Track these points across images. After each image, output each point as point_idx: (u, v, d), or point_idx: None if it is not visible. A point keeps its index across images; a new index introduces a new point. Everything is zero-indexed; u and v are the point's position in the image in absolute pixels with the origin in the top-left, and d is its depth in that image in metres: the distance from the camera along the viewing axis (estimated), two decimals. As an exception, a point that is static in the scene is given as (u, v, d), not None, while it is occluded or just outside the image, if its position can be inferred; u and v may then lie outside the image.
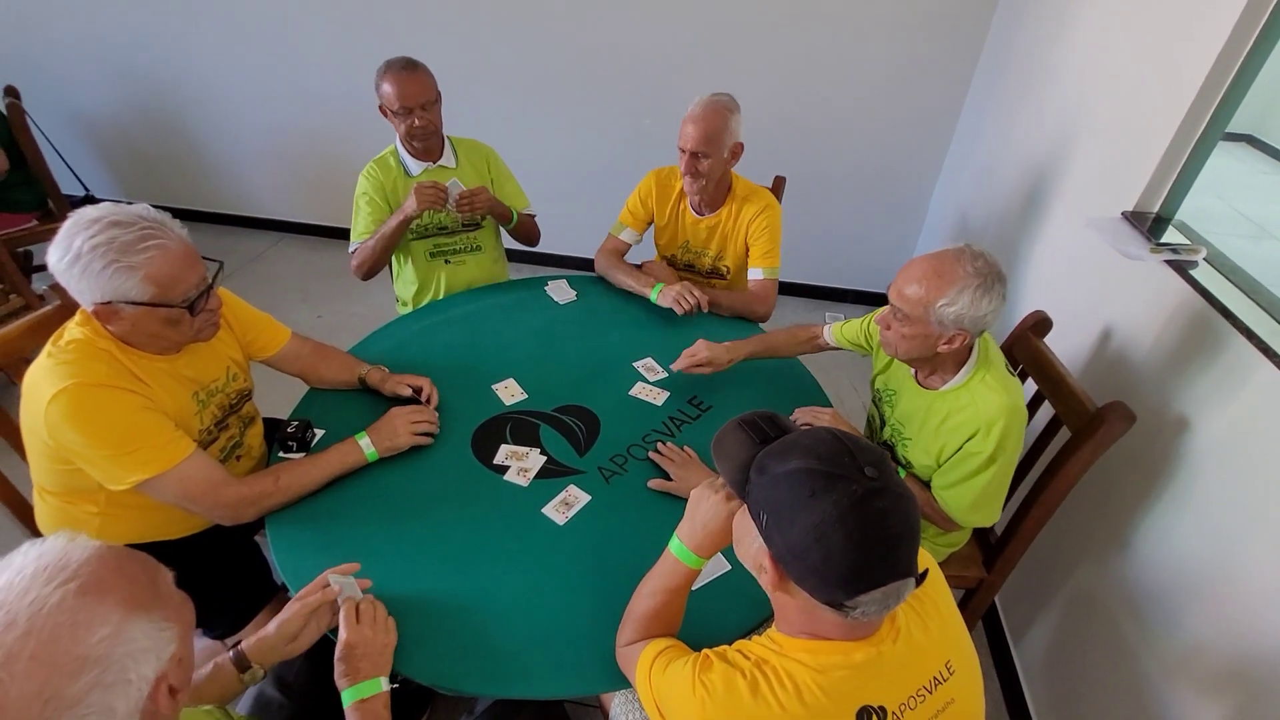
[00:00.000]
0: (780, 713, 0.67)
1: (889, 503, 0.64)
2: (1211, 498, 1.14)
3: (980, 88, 2.50)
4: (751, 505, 0.71)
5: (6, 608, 0.51)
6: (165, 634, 0.57)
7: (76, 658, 0.51)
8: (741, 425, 0.79)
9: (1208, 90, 1.28)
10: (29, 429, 1.07)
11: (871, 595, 0.63)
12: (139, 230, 0.98)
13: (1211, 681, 1.09)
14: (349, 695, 0.88)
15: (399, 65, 1.66)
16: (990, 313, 1.08)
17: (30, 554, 0.55)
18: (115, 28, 2.95)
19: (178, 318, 1.05)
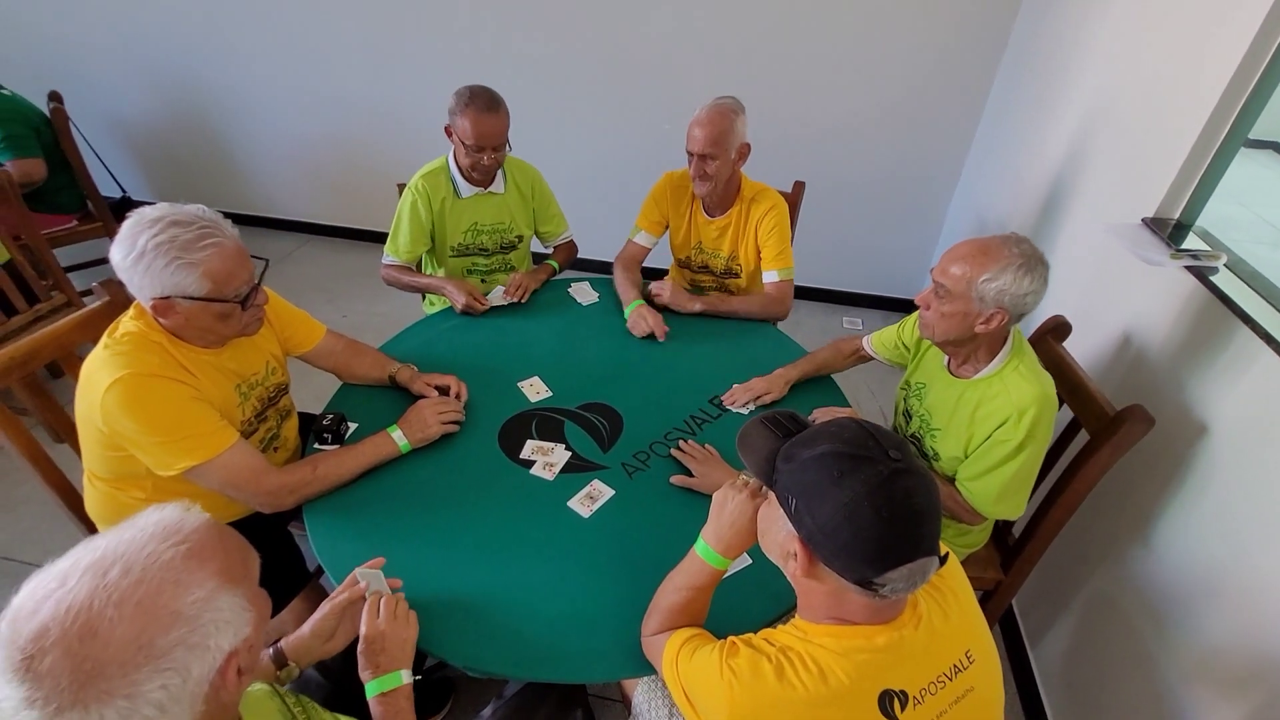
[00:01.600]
0: (805, 695, 0.70)
1: (913, 482, 0.67)
2: (1230, 501, 1.15)
3: (1000, 94, 2.51)
4: (780, 491, 0.74)
5: (127, 558, 0.56)
6: (245, 614, 0.61)
7: (172, 612, 0.56)
8: (764, 422, 0.83)
9: (1229, 97, 1.29)
10: (84, 417, 1.13)
11: (899, 571, 0.66)
12: (198, 229, 1.04)
13: (1231, 684, 1.10)
14: (372, 688, 0.91)
15: (482, 104, 1.64)
16: (1031, 293, 1.11)
17: (153, 516, 0.61)
18: (152, 37, 3.06)
19: (229, 312, 1.11)
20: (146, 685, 0.53)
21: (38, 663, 0.51)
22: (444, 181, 1.80)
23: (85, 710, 0.51)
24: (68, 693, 0.51)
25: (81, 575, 0.55)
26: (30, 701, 0.51)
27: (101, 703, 0.52)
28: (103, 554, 0.56)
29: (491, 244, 1.93)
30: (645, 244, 1.96)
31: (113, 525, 1.25)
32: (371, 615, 0.94)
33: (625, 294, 1.81)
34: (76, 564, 0.56)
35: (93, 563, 0.56)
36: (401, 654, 0.92)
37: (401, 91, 3.00)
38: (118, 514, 1.26)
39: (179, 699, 0.55)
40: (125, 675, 0.53)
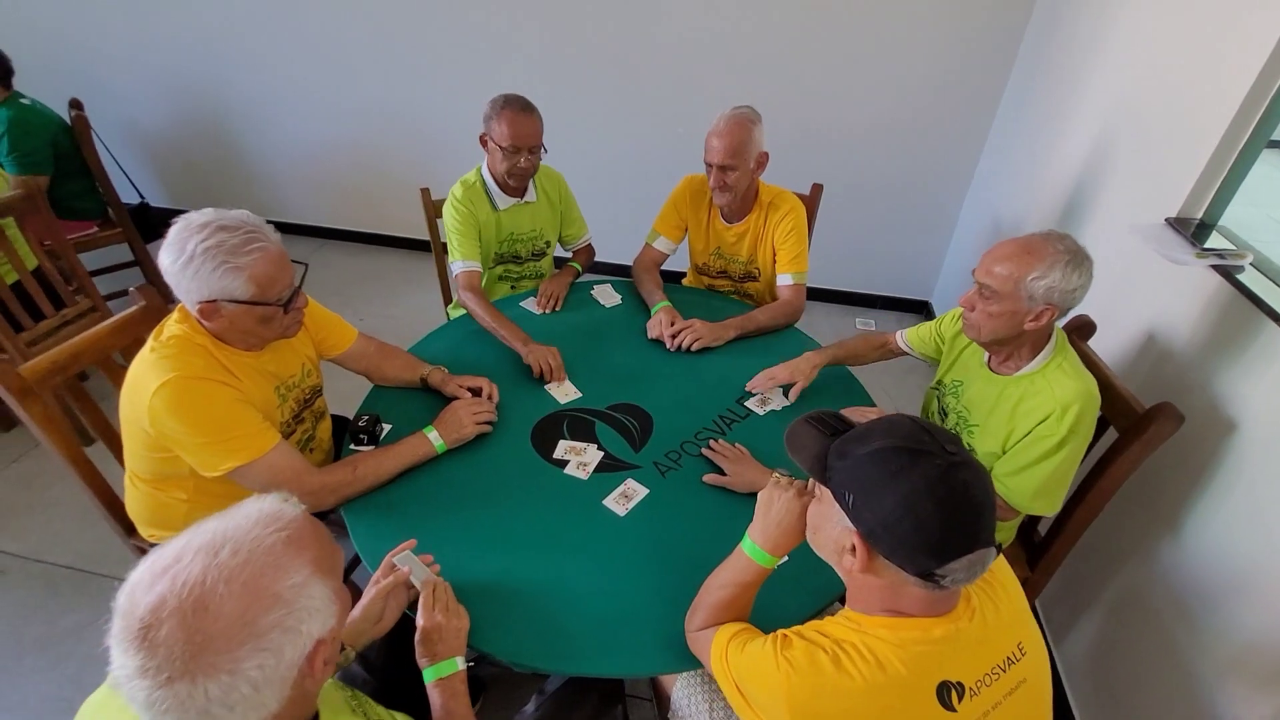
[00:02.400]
0: (863, 684, 0.71)
1: (970, 474, 0.69)
2: (1260, 496, 1.16)
3: (1013, 97, 2.53)
4: (836, 488, 0.75)
5: (235, 540, 0.59)
6: (332, 606, 0.64)
7: (273, 594, 0.59)
8: (809, 421, 0.85)
9: (1254, 97, 1.31)
10: (130, 419, 1.15)
11: (960, 562, 0.67)
12: (244, 234, 1.07)
13: (1266, 679, 1.11)
14: (430, 674, 0.94)
15: (517, 106, 1.67)
16: (1079, 288, 1.13)
17: (255, 505, 0.64)
18: (170, 44, 3.09)
19: (272, 315, 1.13)
20: (246, 663, 0.56)
21: (154, 632, 0.54)
22: (481, 195, 1.82)
23: (192, 681, 0.54)
24: (179, 662, 0.54)
25: (195, 554, 0.58)
26: (144, 670, 0.54)
27: (207, 675, 0.54)
28: (213, 536, 0.60)
29: (525, 252, 1.96)
30: (664, 249, 1.98)
31: (153, 525, 1.28)
32: (427, 608, 0.98)
33: (650, 296, 1.83)
34: (189, 544, 0.59)
35: (205, 543, 0.59)
36: (456, 642, 0.96)
37: (419, 97, 3.03)
38: (159, 514, 1.29)
39: (271, 680, 0.58)
40: (230, 651, 0.55)
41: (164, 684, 0.53)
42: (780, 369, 1.53)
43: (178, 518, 1.27)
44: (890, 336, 1.62)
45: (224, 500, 0.64)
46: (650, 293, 1.84)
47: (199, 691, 0.54)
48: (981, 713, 0.73)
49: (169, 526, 1.29)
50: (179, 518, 1.27)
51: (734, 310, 1.81)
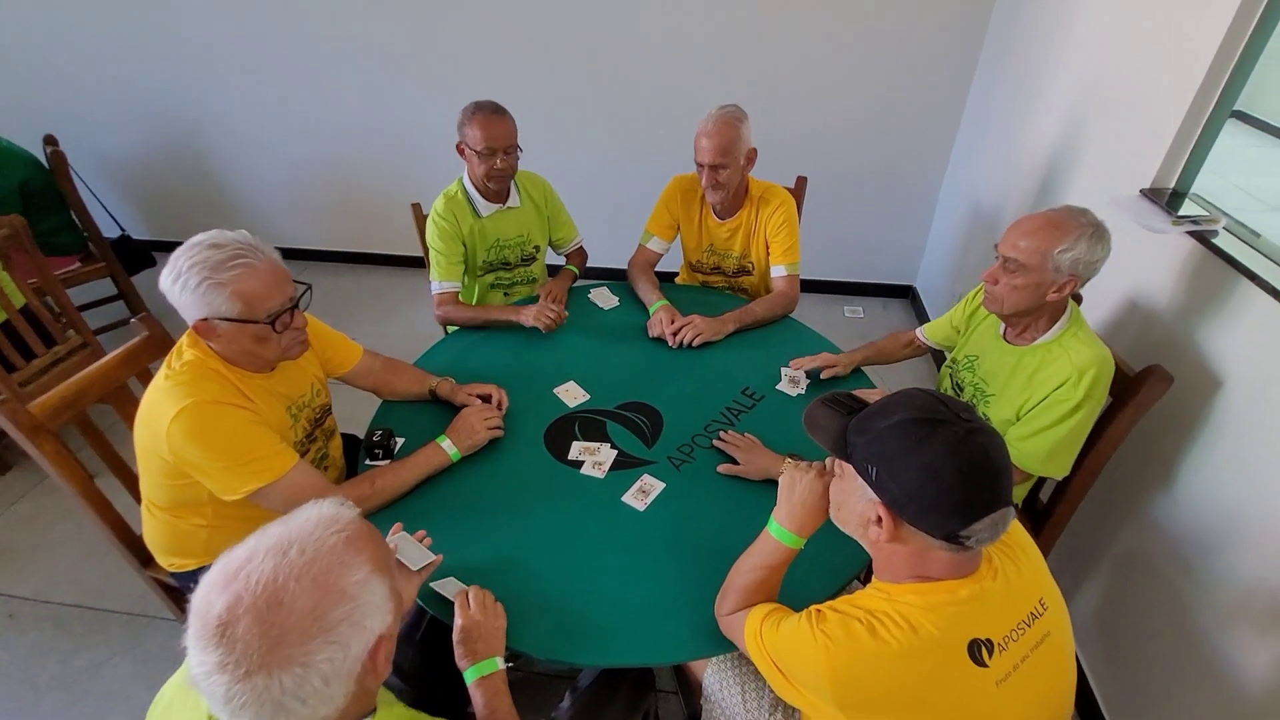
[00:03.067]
0: (899, 648, 0.74)
1: (987, 439, 0.73)
2: (1249, 447, 1.22)
3: (983, 81, 2.60)
4: (858, 463, 0.78)
5: (301, 540, 0.63)
6: (389, 604, 0.66)
7: (340, 590, 0.61)
8: (825, 402, 0.88)
9: (1216, 69, 1.37)
10: (147, 447, 1.15)
11: (983, 522, 0.71)
12: (231, 250, 1.07)
13: (1268, 622, 1.16)
14: (470, 674, 0.96)
15: (488, 109, 1.71)
16: (1101, 259, 1.20)
17: (313, 510, 0.67)
18: (142, 74, 3.06)
19: (265, 334, 1.12)
20: (318, 656, 0.59)
21: (232, 629, 0.57)
22: (463, 205, 1.84)
23: (269, 675, 0.56)
24: (256, 656, 0.56)
25: (266, 555, 0.61)
26: (223, 666, 0.56)
27: (282, 669, 0.57)
28: (279, 538, 0.62)
29: (513, 258, 1.97)
30: (658, 249, 2.01)
31: (174, 553, 1.29)
32: (464, 608, 1.00)
33: (647, 296, 1.86)
34: (257, 548, 0.62)
35: (273, 545, 0.62)
36: (495, 641, 0.98)
37: (401, 111, 3.04)
38: (180, 542, 1.29)
39: (339, 674, 0.60)
40: (303, 644, 0.58)
41: (242, 678, 0.56)
42: (827, 357, 1.60)
43: (198, 544, 1.27)
44: (913, 334, 1.70)
45: (245, 523, 0.66)
46: (647, 292, 1.87)
47: (274, 684, 0.56)
48: (1012, 666, 0.77)
49: (190, 554, 1.29)
50: (199, 544, 1.27)
51: (730, 305, 1.84)
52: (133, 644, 1.78)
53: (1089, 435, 1.36)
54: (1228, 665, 1.22)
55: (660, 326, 1.72)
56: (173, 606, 1.51)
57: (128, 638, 1.80)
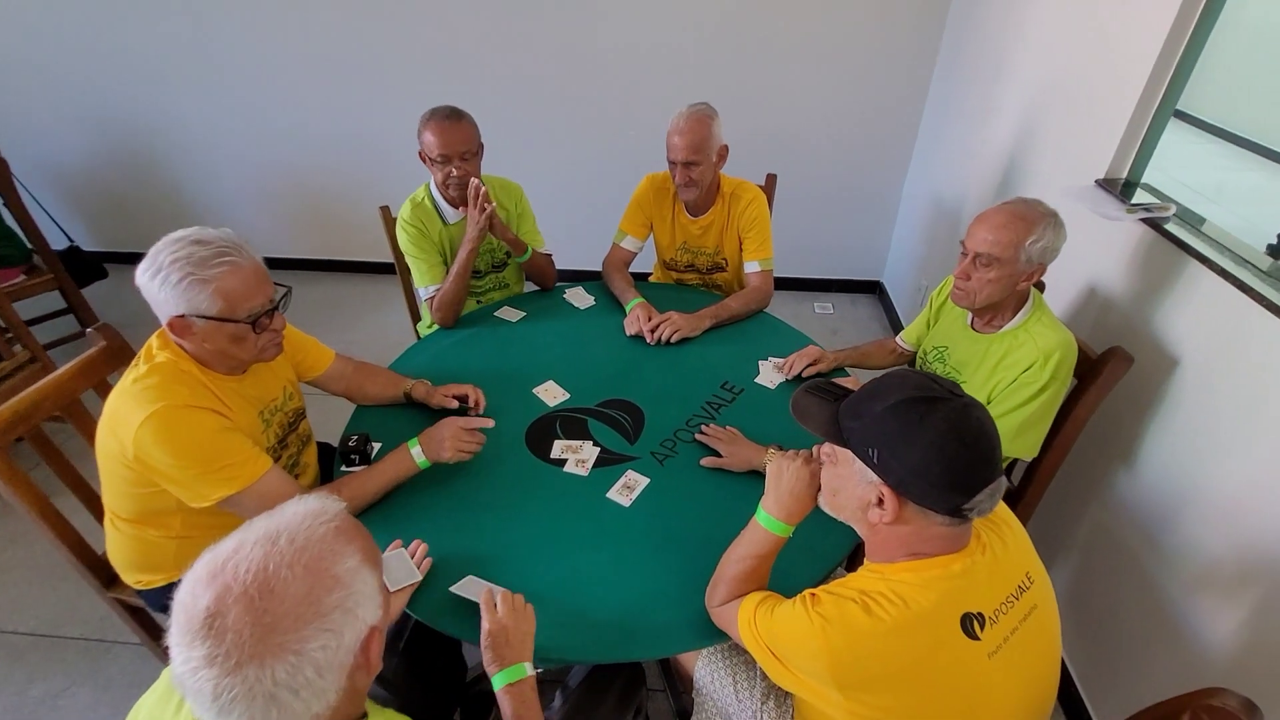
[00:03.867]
0: (893, 624, 0.75)
1: (981, 412, 0.76)
2: (1201, 420, 1.28)
3: (941, 81, 2.69)
4: (857, 446, 0.79)
5: (291, 530, 0.61)
6: (379, 596, 0.65)
7: (333, 575, 0.60)
8: (811, 391, 0.89)
9: (1160, 67, 1.44)
10: (112, 455, 1.10)
11: (984, 493, 0.73)
12: (216, 248, 1.04)
13: (1226, 587, 1.21)
14: (499, 679, 0.93)
15: (442, 114, 1.67)
16: (1061, 245, 1.26)
17: (299, 504, 0.65)
18: (90, 75, 2.94)
19: (243, 334, 1.09)
20: (312, 643, 0.57)
21: (221, 619, 0.55)
22: (430, 212, 1.80)
23: (261, 665, 0.54)
24: (248, 645, 0.54)
25: (254, 545, 0.59)
26: (211, 659, 0.54)
27: (275, 657, 0.55)
28: (267, 529, 0.61)
29: (484, 265, 1.94)
30: (632, 248, 2.01)
31: (140, 569, 1.24)
32: (491, 610, 0.97)
33: (623, 294, 1.86)
34: (245, 540, 0.60)
35: (261, 536, 0.60)
36: (523, 646, 0.95)
37: (364, 117, 2.98)
38: (147, 556, 1.23)
39: (332, 665, 0.59)
40: (297, 631, 0.56)
41: (232, 670, 0.54)
42: (813, 349, 1.63)
43: (167, 558, 1.22)
44: (894, 342, 1.73)
45: (215, 532, 0.63)
46: (623, 291, 1.87)
47: (266, 675, 0.54)
48: (1002, 638, 0.79)
49: (158, 569, 1.24)
50: (168, 557, 1.22)
51: (705, 301, 1.85)
52: (92, 671, 1.70)
53: (1056, 417, 1.41)
54: (1190, 631, 1.27)
55: (637, 324, 1.72)
56: (137, 628, 1.44)
57: (86, 665, 1.71)
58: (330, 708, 0.60)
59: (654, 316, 1.74)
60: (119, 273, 3.21)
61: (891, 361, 1.74)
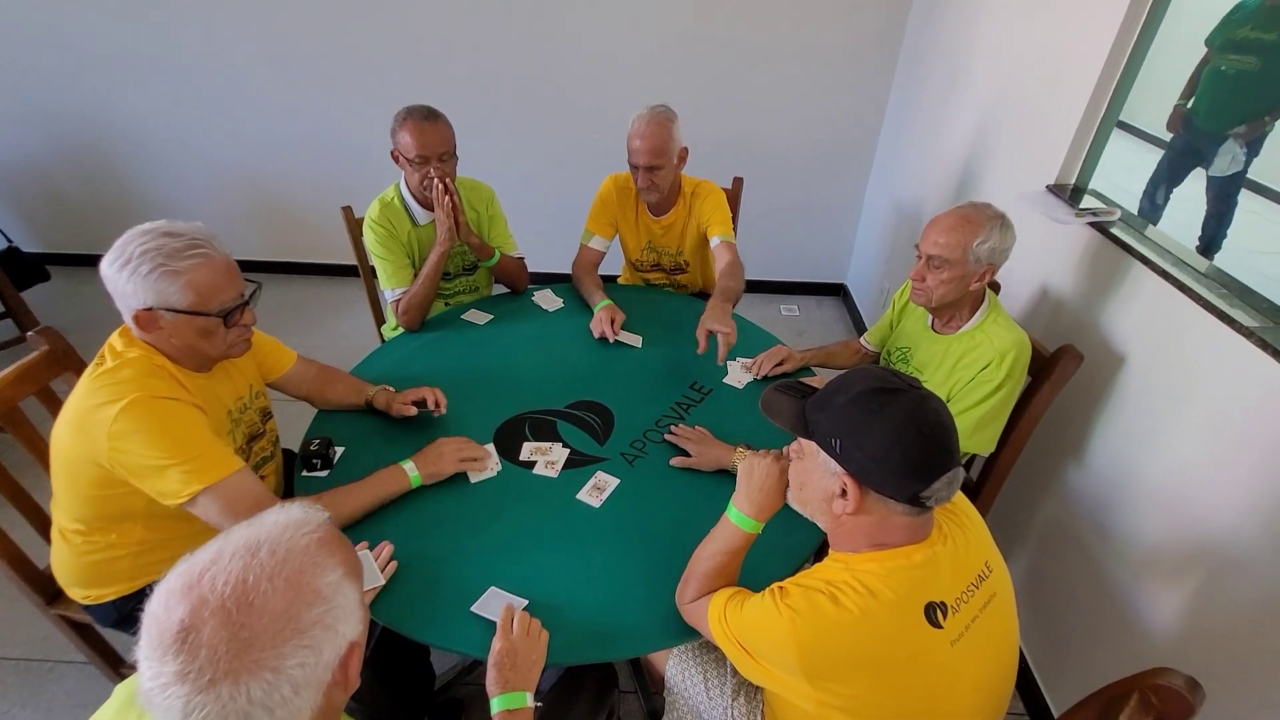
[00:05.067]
0: (859, 613, 0.77)
1: (937, 403, 0.78)
2: (1146, 414, 1.34)
3: (900, 92, 2.77)
4: (821, 437, 0.81)
5: (272, 541, 0.59)
6: (359, 611, 0.62)
7: (314, 590, 0.58)
8: (780, 390, 0.91)
9: (1105, 77, 1.52)
10: (76, 456, 1.05)
11: (941, 481, 0.75)
12: (187, 240, 1.02)
13: (1169, 574, 1.28)
14: (496, 704, 0.90)
15: (420, 114, 1.64)
16: (1010, 246, 1.31)
17: (281, 513, 0.63)
18: (34, 68, 2.81)
19: (212, 328, 1.07)
20: (290, 660, 0.54)
21: (196, 634, 0.52)
22: (399, 212, 1.77)
23: (236, 682, 0.52)
24: (224, 662, 0.52)
25: (233, 556, 0.56)
26: (183, 675, 0.51)
27: (251, 674, 0.52)
28: (247, 540, 0.58)
29: (454, 267, 1.91)
30: (599, 247, 2.01)
31: (89, 584, 1.19)
32: (505, 629, 0.95)
33: (591, 296, 1.86)
34: (224, 549, 0.57)
35: (241, 547, 0.57)
36: (529, 674, 0.93)
37: (326, 117, 2.92)
38: (98, 570, 1.18)
39: (310, 682, 0.56)
40: (275, 647, 0.54)
41: (205, 687, 0.51)
42: (780, 349, 1.64)
43: (120, 570, 1.17)
44: (858, 343, 1.77)
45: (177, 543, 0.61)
46: (591, 293, 1.87)
47: (241, 693, 0.52)
48: (963, 626, 0.81)
49: (110, 582, 1.18)
50: (122, 571, 1.17)
51: (672, 304, 1.87)
52: (34, 693, 1.61)
53: (1012, 414, 1.46)
54: (1136, 615, 1.33)
55: (601, 325, 1.72)
56: (83, 646, 1.38)
57: (27, 687, 1.62)
58: None
59: (619, 319, 1.74)
60: (63, 275, 3.07)
61: (856, 361, 1.78)
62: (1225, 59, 2.07)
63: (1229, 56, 2.06)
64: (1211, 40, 2.15)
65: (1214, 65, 2.13)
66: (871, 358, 1.76)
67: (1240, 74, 2.04)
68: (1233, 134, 2.04)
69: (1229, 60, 2.06)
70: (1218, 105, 2.17)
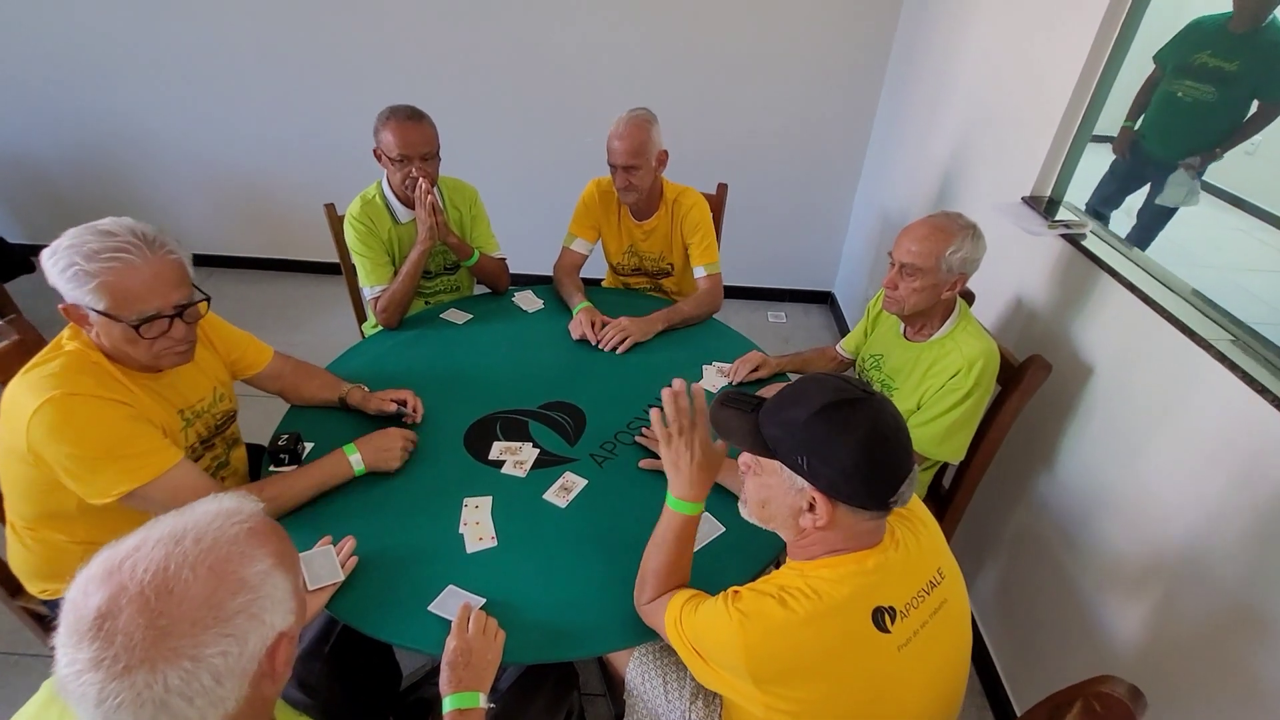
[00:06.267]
0: (805, 615, 0.77)
1: (891, 407, 0.79)
2: (1114, 425, 1.35)
3: (888, 103, 2.79)
4: (785, 455, 0.80)
5: (198, 529, 0.59)
6: (291, 602, 0.62)
7: (239, 578, 0.58)
8: (726, 404, 0.89)
9: (1079, 93, 1.53)
10: (9, 450, 1.04)
11: (905, 484, 0.77)
12: (117, 241, 0.99)
13: (1135, 582, 1.28)
14: (448, 703, 0.90)
15: (403, 114, 1.65)
16: (980, 256, 1.32)
17: (212, 503, 0.63)
18: (23, 58, 2.81)
19: (131, 336, 1.03)
20: (210, 649, 0.54)
21: (111, 621, 0.52)
22: (381, 210, 1.77)
23: (152, 670, 0.52)
24: (139, 649, 0.51)
25: (156, 544, 0.56)
26: (97, 662, 0.51)
27: (168, 662, 0.52)
28: (173, 528, 0.58)
29: (435, 266, 1.92)
30: (582, 250, 2.01)
31: (45, 578, 1.18)
32: (460, 628, 0.96)
33: (570, 298, 1.86)
34: (148, 537, 0.57)
35: (166, 534, 0.57)
36: (483, 674, 0.93)
37: (313, 115, 2.92)
38: (51, 564, 1.17)
39: (233, 671, 0.56)
40: (194, 635, 0.53)
41: (119, 674, 0.51)
42: (755, 356, 1.65)
43: (71, 565, 1.13)
44: (834, 350, 1.77)
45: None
46: (571, 295, 1.87)
47: (158, 681, 0.51)
48: (912, 632, 0.81)
49: (63, 576, 1.14)
50: (73, 565, 1.14)
51: (655, 306, 1.87)
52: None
53: (982, 423, 1.47)
54: (1100, 624, 1.34)
55: (581, 327, 1.73)
56: (46, 640, 1.37)
57: (-8, 679, 1.62)
58: (229, 715, 0.57)
59: (598, 321, 1.74)
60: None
61: (832, 368, 1.79)
62: (1181, 84, 1.92)
63: (1185, 83, 1.91)
64: (1163, 59, 1.95)
65: (1168, 89, 1.97)
66: (847, 365, 1.76)
67: (1197, 103, 1.89)
68: (1184, 164, 1.89)
69: (1185, 87, 1.91)
70: (1171, 133, 2.01)
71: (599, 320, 1.75)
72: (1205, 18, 1.89)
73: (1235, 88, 1.84)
